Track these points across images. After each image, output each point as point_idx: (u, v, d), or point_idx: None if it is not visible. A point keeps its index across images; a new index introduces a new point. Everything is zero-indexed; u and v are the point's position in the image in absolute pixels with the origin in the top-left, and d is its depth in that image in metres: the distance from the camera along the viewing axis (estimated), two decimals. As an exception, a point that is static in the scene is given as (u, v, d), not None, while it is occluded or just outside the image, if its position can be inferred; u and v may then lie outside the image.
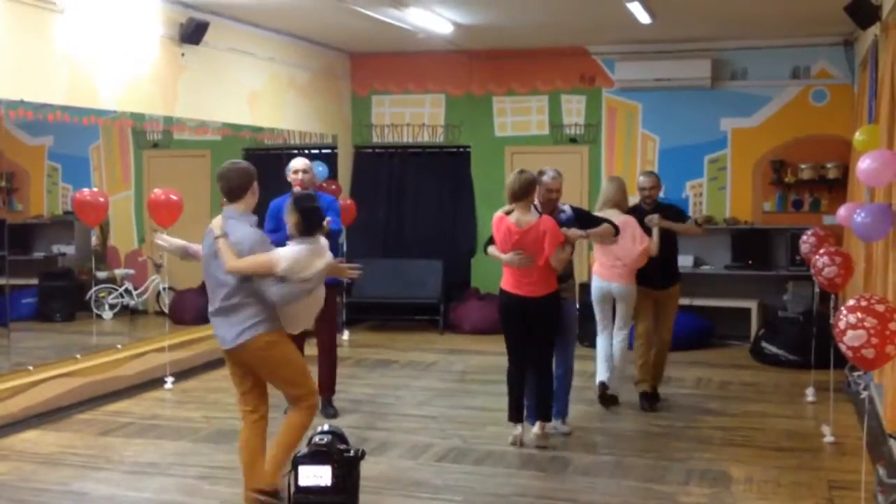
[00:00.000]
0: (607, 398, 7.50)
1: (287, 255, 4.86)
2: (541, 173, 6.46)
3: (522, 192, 6.21)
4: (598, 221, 6.74)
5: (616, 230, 6.72)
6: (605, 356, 7.49)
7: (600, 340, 7.55)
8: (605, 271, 7.41)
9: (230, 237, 4.84)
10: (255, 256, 4.80)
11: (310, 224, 5.01)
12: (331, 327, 7.30)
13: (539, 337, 6.40)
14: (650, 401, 7.48)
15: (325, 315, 5.84)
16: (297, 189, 7.04)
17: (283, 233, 6.95)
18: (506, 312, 6.48)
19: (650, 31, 9.70)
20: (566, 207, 6.66)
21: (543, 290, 6.29)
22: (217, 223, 4.94)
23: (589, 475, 5.89)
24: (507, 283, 6.42)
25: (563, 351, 6.69)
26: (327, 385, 7.25)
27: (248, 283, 4.83)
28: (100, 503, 5.45)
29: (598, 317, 7.57)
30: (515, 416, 6.51)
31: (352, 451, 4.89)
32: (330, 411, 7.21)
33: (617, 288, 7.40)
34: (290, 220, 5.04)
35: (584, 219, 6.70)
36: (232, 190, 4.96)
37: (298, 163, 7.20)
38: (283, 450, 5.03)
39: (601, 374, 7.48)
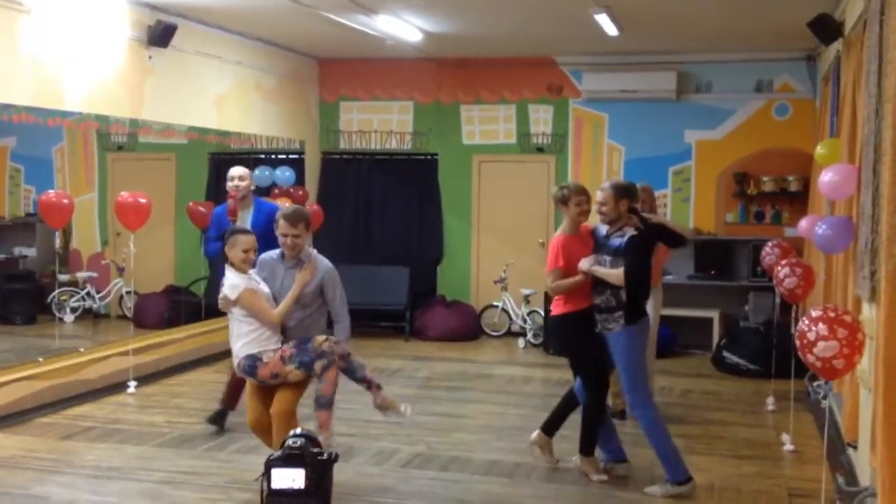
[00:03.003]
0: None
1: None
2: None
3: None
4: (635, 258, 5.59)
5: (627, 275, 5.57)
6: None
7: None
8: None
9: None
10: None
11: None
12: None
13: None
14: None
15: None
16: (231, 199, 6.78)
17: None
18: None
19: (617, 43, 9.79)
20: (627, 231, 5.68)
21: (553, 309, 6.09)
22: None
23: (553, 482, 5.93)
24: None
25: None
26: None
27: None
28: (61, 508, 5.40)
29: None
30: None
31: (325, 454, 4.89)
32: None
33: None
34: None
35: (627, 250, 5.62)
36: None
37: (235, 170, 6.91)
38: None
39: None
